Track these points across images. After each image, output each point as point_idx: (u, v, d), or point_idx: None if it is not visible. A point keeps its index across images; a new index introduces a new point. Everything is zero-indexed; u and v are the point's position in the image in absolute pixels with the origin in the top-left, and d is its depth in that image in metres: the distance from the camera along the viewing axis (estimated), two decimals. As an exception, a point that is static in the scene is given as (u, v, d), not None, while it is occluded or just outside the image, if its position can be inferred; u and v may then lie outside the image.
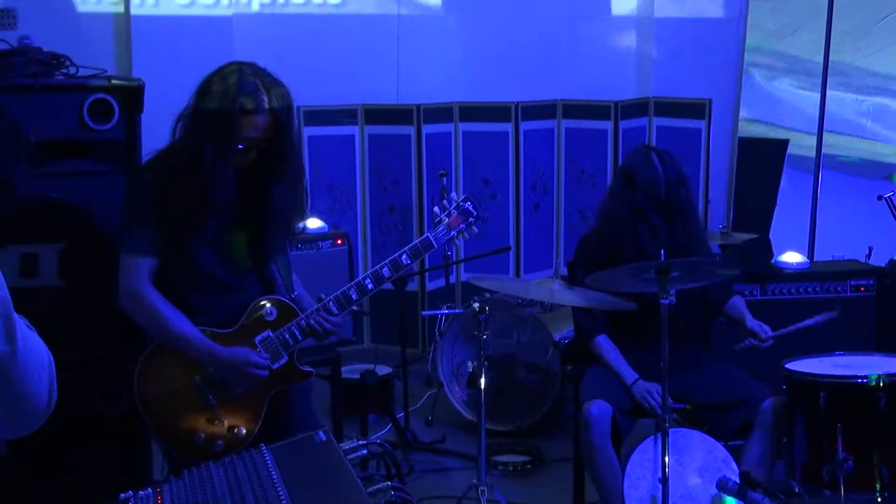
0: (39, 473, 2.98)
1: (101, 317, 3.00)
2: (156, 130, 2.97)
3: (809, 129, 6.30)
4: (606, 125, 6.44)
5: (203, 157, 2.75)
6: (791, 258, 4.52)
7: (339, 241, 4.90)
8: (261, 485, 1.94)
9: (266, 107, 2.74)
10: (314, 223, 4.99)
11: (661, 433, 3.20)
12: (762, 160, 6.45)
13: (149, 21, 5.50)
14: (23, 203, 2.94)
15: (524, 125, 6.39)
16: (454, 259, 5.80)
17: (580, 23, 6.76)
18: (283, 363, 2.92)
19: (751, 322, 3.63)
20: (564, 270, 4.19)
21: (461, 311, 4.96)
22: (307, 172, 5.45)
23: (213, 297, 2.91)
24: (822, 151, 6.22)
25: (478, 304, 3.64)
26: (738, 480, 3.29)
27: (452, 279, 6.12)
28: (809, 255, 5.89)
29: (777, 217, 6.32)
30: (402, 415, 4.86)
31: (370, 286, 2.96)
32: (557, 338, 4.82)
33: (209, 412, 2.86)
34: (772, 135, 6.53)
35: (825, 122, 6.21)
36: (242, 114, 2.73)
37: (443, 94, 6.22)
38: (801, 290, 4.34)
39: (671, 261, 3.18)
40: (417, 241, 3.04)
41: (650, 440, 3.34)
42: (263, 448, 2.09)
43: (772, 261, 4.63)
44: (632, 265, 3.31)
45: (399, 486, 2.03)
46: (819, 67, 6.22)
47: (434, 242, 3.06)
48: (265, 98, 2.74)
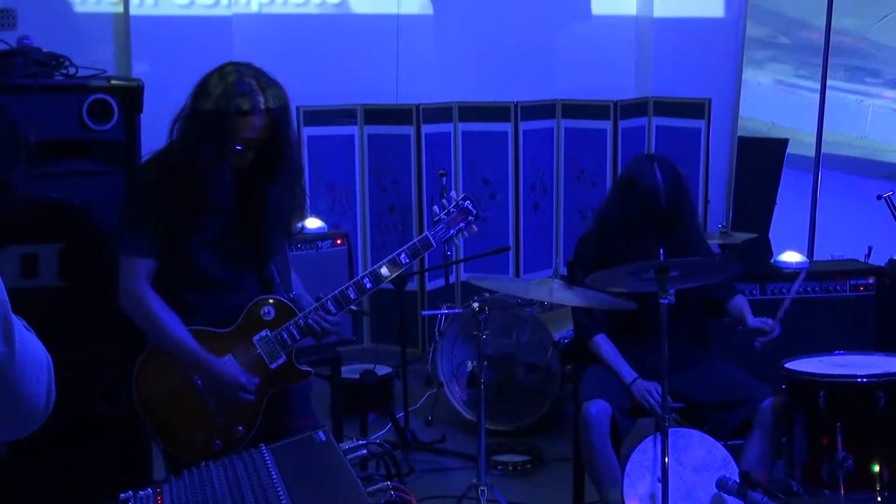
0: (39, 473, 2.97)
1: (101, 317, 3.00)
2: (155, 131, 2.96)
3: (809, 129, 6.30)
4: (606, 125, 6.43)
5: (201, 158, 2.75)
6: (790, 258, 4.52)
7: (339, 241, 4.90)
8: (260, 485, 1.94)
9: (262, 108, 2.74)
10: (314, 223, 4.98)
11: (661, 433, 3.20)
12: (762, 160, 6.45)
13: (148, 21, 5.50)
14: (23, 203, 2.93)
15: (524, 125, 6.38)
16: (454, 259, 5.80)
17: (580, 23, 6.75)
18: (282, 363, 2.92)
19: (752, 322, 3.59)
20: (564, 270, 4.19)
21: (461, 311, 4.95)
22: (307, 172, 5.51)
23: (212, 297, 2.91)
24: (822, 151, 6.22)
25: (477, 304, 3.64)
26: (738, 480, 3.29)
27: (452, 279, 6.12)
28: (809, 255, 5.89)
29: (776, 216, 6.31)
30: (402, 415, 4.86)
31: (368, 285, 2.96)
32: (557, 337, 4.81)
33: (206, 412, 2.86)
34: (772, 134, 6.53)
35: (825, 123, 6.21)
36: (239, 115, 2.73)
37: (442, 94, 6.21)
38: (801, 290, 4.34)
39: (670, 260, 3.18)
40: (416, 240, 3.04)
41: (650, 440, 3.34)
42: (263, 448, 2.09)
43: (771, 260, 4.63)
44: (631, 265, 3.31)
45: (399, 486, 2.03)
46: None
47: (433, 241, 3.05)
48: (261, 99, 2.74)
